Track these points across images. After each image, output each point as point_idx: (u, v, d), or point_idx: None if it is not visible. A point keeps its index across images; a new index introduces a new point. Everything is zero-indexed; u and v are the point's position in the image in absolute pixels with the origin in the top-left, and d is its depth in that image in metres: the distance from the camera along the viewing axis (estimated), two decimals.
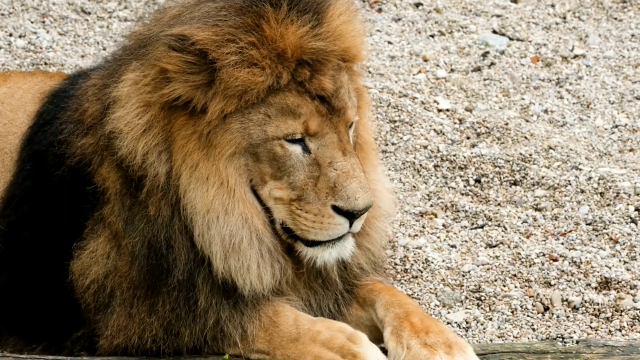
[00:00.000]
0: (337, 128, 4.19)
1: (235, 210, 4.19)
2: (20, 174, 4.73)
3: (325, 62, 4.19)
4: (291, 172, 4.19)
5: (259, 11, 4.13)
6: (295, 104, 4.14)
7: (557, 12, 8.26)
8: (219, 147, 4.16)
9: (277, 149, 4.17)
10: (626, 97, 7.11)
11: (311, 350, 4.24)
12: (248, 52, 4.09)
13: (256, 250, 4.22)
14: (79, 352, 4.50)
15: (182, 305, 4.29)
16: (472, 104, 6.97)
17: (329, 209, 4.15)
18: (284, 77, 4.13)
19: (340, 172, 4.14)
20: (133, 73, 4.25)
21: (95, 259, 4.41)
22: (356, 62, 4.38)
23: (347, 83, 4.27)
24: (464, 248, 5.64)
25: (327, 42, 4.18)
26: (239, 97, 4.12)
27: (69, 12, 7.95)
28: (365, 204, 4.14)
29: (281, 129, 4.15)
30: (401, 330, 4.29)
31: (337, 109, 4.19)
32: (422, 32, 7.96)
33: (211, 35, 4.10)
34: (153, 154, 4.21)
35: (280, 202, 4.22)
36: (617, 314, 5.08)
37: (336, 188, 4.13)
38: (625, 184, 6.03)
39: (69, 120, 4.57)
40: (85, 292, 4.44)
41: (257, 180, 4.23)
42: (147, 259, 4.30)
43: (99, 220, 4.41)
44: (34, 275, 4.57)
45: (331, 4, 4.25)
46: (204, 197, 4.17)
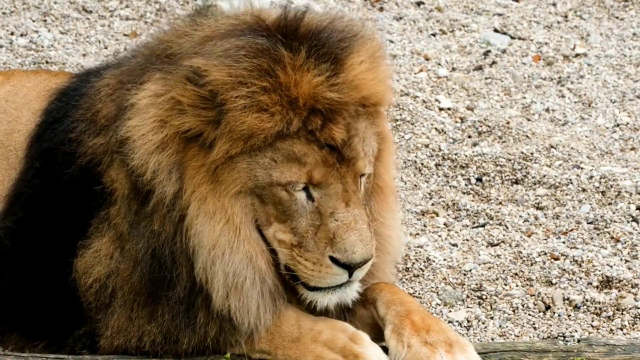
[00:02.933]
0: (343, 178, 4.13)
1: (241, 249, 4.17)
2: (29, 172, 4.72)
3: (339, 111, 4.13)
4: (294, 217, 4.15)
5: (276, 56, 4.08)
6: (301, 152, 4.10)
7: (559, 10, 8.26)
8: (225, 184, 4.14)
9: (282, 194, 4.14)
10: (627, 95, 7.11)
11: (313, 350, 4.23)
12: (258, 97, 4.05)
13: (258, 290, 4.21)
14: (81, 351, 4.51)
15: (182, 317, 4.29)
16: (473, 103, 6.97)
17: (327, 259, 4.12)
18: (294, 125, 4.08)
19: (340, 224, 4.09)
20: (155, 85, 4.21)
21: (98, 259, 4.41)
22: (379, 108, 4.31)
23: (365, 130, 4.21)
24: (466, 247, 5.64)
25: (343, 93, 4.11)
26: (244, 140, 4.08)
27: (70, 10, 7.95)
28: (362, 258, 4.10)
29: (285, 175, 4.11)
30: (402, 329, 4.29)
31: (347, 159, 4.14)
32: (424, 30, 7.96)
33: (225, 76, 4.06)
34: (163, 173, 4.20)
35: (283, 246, 4.20)
36: (619, 312, 5.08)
37: (335, 239, 4.09)
38: (627, 183, 6.03)
39: (80, 119, 4.56)
40: (87, 290, 4.45)
41: (263, 221, 4.20)
42: (150, 267, 4.30)
43: (104, 219, 4.41)
44: (38, 272, 4.58)
45: (352, 52, 4.19)
46: (211, 233, 4.16)
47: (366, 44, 4.26)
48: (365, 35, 4.30)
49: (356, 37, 4.26)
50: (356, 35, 4.27)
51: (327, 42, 4.16)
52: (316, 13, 4.41)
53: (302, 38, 4.15)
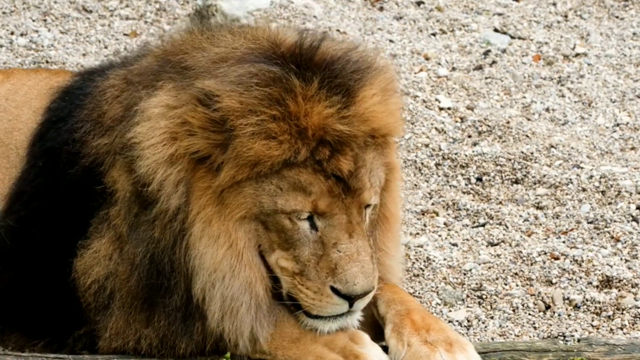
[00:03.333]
0: (348, 209, 4.13)
1: (241, 274, 4.17)
2: (31, 170, 4.72)
3: (348, 143, 4.13)
4: (297, 245, 4.15)
5: (287, 85, 4.08)
6: (307, 182, 4.09)
7: (559, 10, 8.26)
8: (231, 208, 4.14)
9: (286, 222, 4.14)
10: (628, 95, 7.11)
11: (313, 350, 4.23)
12: (267, 124, 4.04)
13: (252, 316, 4.21)
14: (81, 351, 4.51)
15: (179, 325, 4.29)
16: (473, 103, 6.97)
17: (328, 289, 4.12)
18: (302, 154, 4.08)
19: (343, 255, 4.09)
20: (167, 96, 4.21)
21: (97, 260, 4.41)
22: (389, 138, 4.31)
23: (373, 161, 4.21)
24: (466, 246, 5.64)
25: (352, 125, 4.11)
26: (251, 166, 4.08)
27: (70, 10, 7.95)
28: (363, 290, 4.11)
29: (290, 204, 4.11)
30: (402, 328, 4.29)
31: (353, 190, 4.13)
32: (424, 30, 7.96)
33: (235, 103, 4.07)
34: (170, 187, 4.20)
35: (285, 273, 4.20)
36: (619, 312, 5.08)
37: (336, 270, 4.09)
38: (627, 183, 6.03)
39: (85, 120, 4.55)
40: (86, 291, 4.45)
41: (266, 247, 4.20)
42: (147, 272, 4.30)
43: (104, 219, 4.41)
44: (39, 272, 4.58)
45: (365, 84, 4.19)
46: (214, 256, 4.16)
47: (379, 77, 4.26)
48: (379, 68, 4.30)
49: (369, 69, 4.26)
50: (370, 67, 4.27)
51: (341, 73, 4.16)
52: (332, 40, 4.41)
53: (315, 68, 4.14)
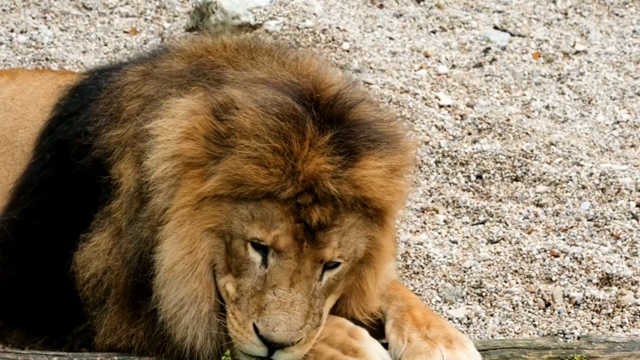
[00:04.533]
0: (303, 258, 4.10)
1: (190, 284, 4.18)
2: (39, 163, 4.73)
3: (333, 199, 4.11)
4: (244, 275, 4.14)
5: (301, 127, 4.09)
6: (279, 217, 4.08)
7: (559, 8, 8.26)
8: (204, 216, 4.16)
9: (242, 249, 4.13)
10: (627, 93, 7.11)
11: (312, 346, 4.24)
12: (264, 153, 4.06)
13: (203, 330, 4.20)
14: (80, 348, 4.51)
15: (159, 327, 4.29)
16: (473, 100, 6.97)
17: (250, 325, 4.10)
18: (286, 192, 4.08)
19: (276, 299, 4.06)
20: (197, 102, 4.22)
21: (97, 253, 4.42)
22: (383, 217, 4.26)
23: (352, 226, 4.17)
24: (465, 244, 5.64)
25: (342, 187, 4.09)
26: (234, 185, 4.10)
27: (70, 7, 7.95)
28: (281, 339, 4.06)
29: (254, 231, 4.10)
30: (403, 324, 4.30)
31: (317, 242, 4.11)
32: (424, 28, 7.96)
33: (247, 123, 4.08)
34: (164, 184, 4.22)
35: (227, 298, 4.19)
36: (619, 310, 5.09)
37: (264, 311, 4.07)
38: (627, 180, 6.03)
39: (101, 114, 4.57)
40: (84, 285, 4.45)
41: (220, 268, 4.20)
42: (135, 271, 4.32)
43: (107, 214, 4.42)
44: (41, 267, 4.58)
45: (372, 154, 4.16)
46: (172, 256, 4.18)
47: (394, 154, 4.22)
48: (399, 146, 4.27)
49: (389, 144, 4.23)
50: (389, 142, 4.24)
51: (357, 137, 4.15)
52: (371, 104, 4.40)
53: (337, 123, 4.13)
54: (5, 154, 5.05)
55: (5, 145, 5.06)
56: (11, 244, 4.65)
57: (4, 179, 4.96)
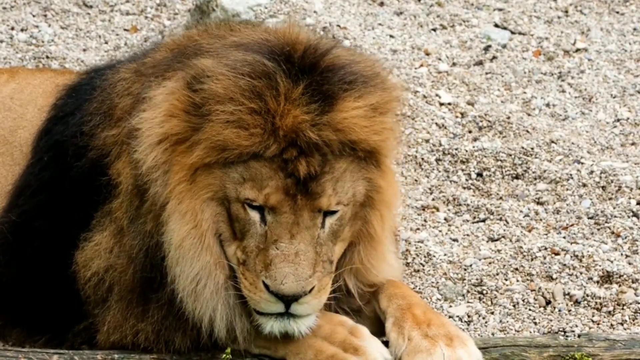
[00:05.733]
0: (299, 210, 4.11)
1: (202, 257, 4.19)
2: (37, 164, 4.73)
3: (319, 147, 4.11)
4: (246, 236, 4.16)
5: (273, 83, 4.10)
6: (267, 176, 4.10)
7: (559, 5, 8.25)
8: (200, 187, 4.18)
9: (241, 211, 4.15)
10: (628, 90, 7.11)
11: (313, 344, 4.24)
12: (242, 115, 4.07)
13: (222, 301, 4.21)
14: (80, 346, 4.51)
15: (172, 319, 4.31)
16: (474, 98, 6.97)
17: (261, 283, 4.11)
18: (271, 150, 4.10)
19: (280, 253, 4.08)
20: (175, 82, 4.24)
21: (98, 252, 4.42)
22: (377, 157, 4.26)
23: (345, 171, 4.17)
24: (466, 242, 5.64)
25: (323, 133, 4.10)
26: (218, 151, 4.11)
27: (70, 5, 7.95)
28: (292, 292, 4.07)
29: (246, 192, 4.12)
30: (403, 322, 4.30)
31: (311, 193, 4.11)
32: (424, 25, 7.96)
33: (219, 89, 4.10)
34: (158, 171, 4.23)
35: (237, 264, 4.20)
36: (619, 307, 5.09)
37: (270, 266, 4.08)
38: (627, 178, 6.03)
39: (95, 113, 4.58)
40: (86, 284, 4.46)
41: (226, 236, 4.22)
42: (142, 266, 4.33)
43: (107, 213, 4.43)
44: (41, 266, 4.58)
45: (350, 95, 4.15)
46: (179, 233, 4.19)
47: (374, 92, 4.21)
48: (378, 84, 4.26)
49: (366, 83, 4.22)
50: (367, 82, 4.23)
51: (331, 81, 4.14)
52: (345, 49, 4.39)
53: (310, 72, 4.13)
54: (4, 154, 5.05)
55: (5, 146, 5.06)
56: (11, 244, 4.66)
57: (3, 179, 4.96)
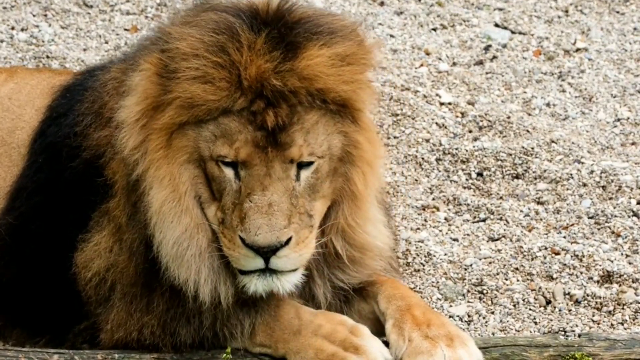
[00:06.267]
0: (270, 162, 4.11)
1: (182, 220, 4.19)
2: (32, 167, 4.74)
3: (286, 98, 4.11)
4: (223, 194, 4.17)
5: (235, 35, 4.10)
6: (236, 130, 4.11)
7: (559, 5, 8.26)
8: (175, 150, 4.18)
9: (215, 169, 4.16)
10: (628, 90, 7.11)
11: (313, 343, 4.24)
12: (207, 70, 4.08)
13: (205, 264, 4.21)
14: (81, 345, 4.51)
15: (176, 307, 4.31)
16: (474, 98, 6.97)
17: (238, 239, 4.11)
18: (238, 103, 4.10)
19: (253, 205, 4.07)
20: (149, 63, 4.25)
21: (98, 252, 4.43)
22: (351, 112, 4.23)
23: (317, 123, 4.16)
24: (466, 241, 5.64)
25: (287, 81, 4.09)
26: (188, 109, 4.12)
27: (71, 5, 7.95)
28: (266, 242, 4.05)
29: (218, 149, 4.13)
30: (403, 323, 4.30)
31: (281, 144, 4.11)
32: (425, 25, 7.96)
33: (185, 47, 4.12)
34: (140, 151, 4.25)
35: (218, 225, 4.20)
36: (619, 307, 5.09)
37: (244, 220, 4.07)
38: (628, 178, 6.03)
39: (86, 113, 4.59)
40: (87, 284, 4.46)
41: (205, 198, 4.22)
42: (143, 257, 4.33)
43: (105, 213, 4.43)
44: (40, 268, 4.58)
45: (314, 44, 4.13)
46: (159, 198, 4.20)
47: (341, 42, 4.19)
48: (347, 35, 4.22)
49: (333, 33, 4.20)
50: (335, 32, 4.21)
51: (295, 31, 4.14)
52: (314, 8, 4.38)
53: (274, 23, 4.14)
54: (2, 155, 5.04)
55: (3, 147, 5.06)
56: (9, 246, 4.66)
57: (2, 180, 4.96)
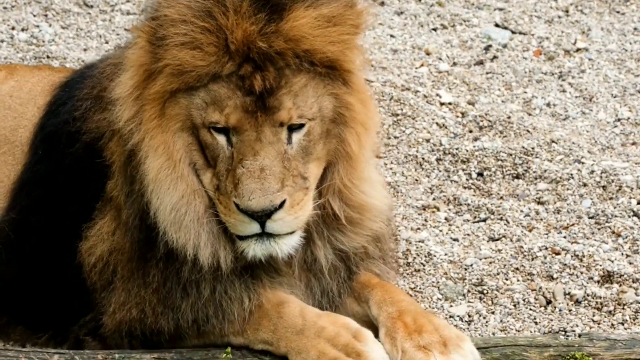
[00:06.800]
0: (260, 126, 4.12)
1: (178, 186, 4.22)
2: (32, 159, 4.76)
3: (273, 61, 4.12)
4: (217, 161, 4.19)
5: (221, 0, 4.12)
6: (226, 96, 4.12)
7: (560, 5, 8.26)
8: (168, 119, 4.21)
9: (208, 136, 4.18)
10: (629, 90, 7.11)
11: (315, 345, 4.24)
12: (195, 35, 4.10)
13: (204, 228, 4.23)
14: (85, 336, 4.51)
15: (172, 277, 4.32)
16: (474, 98, 6.97)
17: (232, 204, 4.13)
18: (226, 68, 4.12)
19: (245, 171, 4.09)
20: (140, 31, 4.27)
21: (101, 237, 4.45)
22: (341, 73, 4.25)
23: (305, 86, 4.17)
24: (467, 241, 5.64)
25: (273, 42, 4.10)
26: (178, 76, 4.14)
27: (71, 5, 7.95)
28: (259, 206, 4.07)
29: (210, 116, 4.15)
30: (395, 332, 4.28)
31: (269, 108, 4.12)
32: (425, 25, 7.96)
33: (173, 13, 4.14)
34: (134, 122, 4.27)
35: (213, 191, 4.23)
36: (620, 307, 5.09)
37: (238, 185, 4.10)
38: (628, 178, 6.03)
39: (85, 98, 4.62)
40: (91, 270, 4.47)
41: (200, 165, 4.25)
42: (138, 230, 4.35)
43: (107, 200, 4.44)
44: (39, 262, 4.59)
45: (302, 5, 4.15)
46: (154, 167, 4.22)
47: (328, 3, 4.20)
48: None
49: None
50: None
51: None
52: None
53: None
54: (6, 153, 5.05)
55: (6, 145, 5.07)
56: (12, 242, 4.66)
57: (6, 178, 4.97)
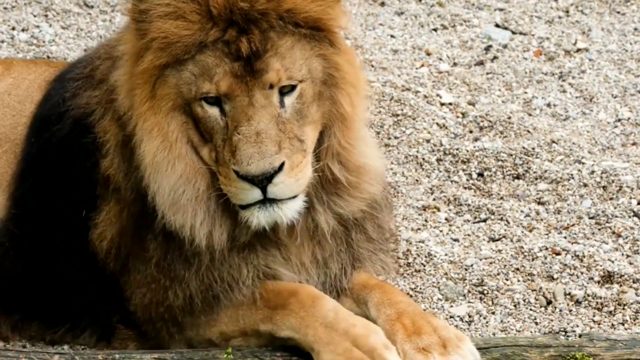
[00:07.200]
0: (250, 91, 4.11)
1: (177, 167, 4.21)
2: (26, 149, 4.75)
3: (257, 23, 4.11)
4: (213, 134, 4.18)
5: None
6: (214, 64, 4.11)
7: (560, 5, 8.25)
8: (159, 99, 4.20)
9: (199, 110, 4.17)
10: (629, 90, 7.11)
11: (341, 342, 4.20)
12: (177, 4, 4.10)
13: (202, 208, 4.23)
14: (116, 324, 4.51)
15: (173, 248, 4.31)
16: (474, 98, 6.97)
17: (232, 172, 4.12)
18: (211, 35, 4.11)
19: (241, 137, 4.07)
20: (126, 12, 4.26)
21: (109, 221, 4.44)
22: (326, 35, 4.24)
23: (292, 48, 4.16)
24: (467, 242, 5.64)
25: (258, 2, 4.09)
26: (164, 49, 4.13)
27: (71, 5, 7.95)
28: (259, 170, 4.05)
29: (200, 87, 4.14)
30: (394, 335, 4.28)
31: (257, 71, 4.11)
32: (425, 25, 7.96)
33: None
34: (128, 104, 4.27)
35: (213, 164, 4.22)
36: (620, 307, 5.09)
37: (235, 152, 4.08)
38: (628, 178, 6.03)
39: (77, 78, 4.62)
40: (107, 257, 4.47)
41: (197, 141, 4.23)
42: (135, 205, 4.35)
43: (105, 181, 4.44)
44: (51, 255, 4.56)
45: None
46: (150, 150, 4.21)
47: None
48: None
49: None
50: None
51: None
52: None
53: None
54: (7, 151, 5.06)
55: (7, 143, 5.07)
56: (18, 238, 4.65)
57: (8, 177, 4.97)
